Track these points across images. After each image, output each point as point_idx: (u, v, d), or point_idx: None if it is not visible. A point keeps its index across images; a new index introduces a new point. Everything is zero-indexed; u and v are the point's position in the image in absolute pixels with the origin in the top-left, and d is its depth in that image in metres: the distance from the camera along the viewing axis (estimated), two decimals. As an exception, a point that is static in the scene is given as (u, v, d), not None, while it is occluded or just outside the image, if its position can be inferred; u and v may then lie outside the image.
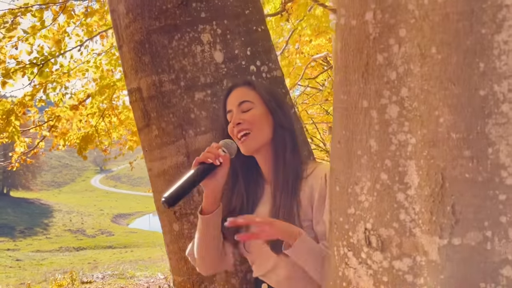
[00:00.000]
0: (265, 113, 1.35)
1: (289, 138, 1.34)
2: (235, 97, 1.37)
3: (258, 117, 1.34)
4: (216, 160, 1.27)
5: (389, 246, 0.93)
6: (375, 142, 0.94)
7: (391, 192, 0.93)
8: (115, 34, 1.75)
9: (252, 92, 1.36)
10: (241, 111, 1.35)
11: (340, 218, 1.04)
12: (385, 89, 0.92)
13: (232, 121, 1.35)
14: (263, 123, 1.34)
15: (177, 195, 1.22)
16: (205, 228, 1.33)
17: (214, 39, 1.61)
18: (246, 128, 1.33)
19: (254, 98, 1.36)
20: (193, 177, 1.26)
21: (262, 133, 1.34)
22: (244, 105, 1.35)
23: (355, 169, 0.99)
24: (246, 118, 1.33)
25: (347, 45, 0.98)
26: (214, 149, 1.29)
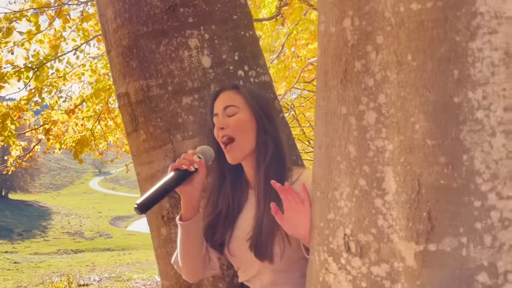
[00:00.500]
0: (249, 118, 1.35)
1: (272, 144, 1.34)
2: (222, 101, 1.37)
3: (242, 122, 1.34)
4: (190, 166, 1.28)
5: (367, 252, 0.94)
6: (353, 148, 0.95)
7: (369, 198, 0.93)
8: (104, 39, 1.76)
9: (238, 96, 1.37)
10: (226, 115, 1.35)
11: (321, 223, 1.05)
12: (363, 96, 0.92)
13: (217, 125, 1.35)
14: (247, 129, 1.34)
15: (149, 201, 1.22)
16: (185, 235, 1.33)
17: (201, 44, 1.62)
18: (229, 134, 1.33)
19: (240, 102, 1.36)
20: (167, 184, 1.26)
21: (246, 139, 1.34)
22: (230, 110, 1.35)
23: (334, 174, 1.00)
24: (230, 123, 1.34)
25: (326, 52, 0.99)
26: (189, 155, 1.30)
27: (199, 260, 1.36)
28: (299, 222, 1.17)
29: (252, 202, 1.39)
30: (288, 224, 1.19)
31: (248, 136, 1.34)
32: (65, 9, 4.97)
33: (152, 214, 1.74)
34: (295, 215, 1.18)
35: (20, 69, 4.93)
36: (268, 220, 1.28)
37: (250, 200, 1.40)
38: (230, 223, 1.38)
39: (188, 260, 1.36)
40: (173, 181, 1.25)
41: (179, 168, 1.26)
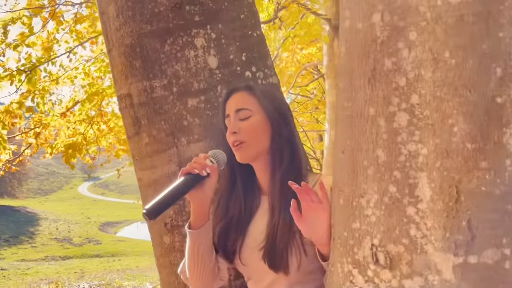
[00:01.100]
0: (263, 121, 1.28)
1: (288, 149, 1.27)
2: (234, 103, 1.30)
3: (256, 126, 1.27)
4: (202, 170, 1.20)
5: (398, 264, 0.87)
6: (382, 152, 0.88)
7: (400, 205, 0.87)
8: (105, 37, 1.68)
9: (251, 98, 1.29)
10: (239, 119, 1.28)
11: (344, 232, 0.98)
12: (393, 96, 0.86)
13: (229, 129, 1.28)
14: (260, 133, 1.27)
15: (159, 207, 1.14)
16: (195, 244, 1.25)
17: (208, 44, 1.55)
18: (242, 138, 1.26)
19: (253, 105, 1.29)
20: (178, 189, 1.18)
21: (258, 143, 1.28)
22: (242, 113, 1.28)
23: (360, 180, 0.93)
24: (242, 127, 1.26)
25: (352, 49, 0.93)
26: (201, 159, 1.22)
27: (208, 270, 1.28)
28: (317, 220, 1.11)
29: (264, 208, 1.32)
30: (305, 223, 1.13)
31: (261, 139, 1.27)
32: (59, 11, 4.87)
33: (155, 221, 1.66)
34: (313, 213, 1.11)
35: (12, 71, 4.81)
36: (283, 228, 1.21)
37: (263, 207, 1.33)
38: (242, 230, 1.31)
39: (197, 271, 1.28)
40: (183, 186, 1.17)
41: (190, 172, 1.19)
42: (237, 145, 1.27)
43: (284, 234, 1.21)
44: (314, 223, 1.11)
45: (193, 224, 1.25)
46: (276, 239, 1.22)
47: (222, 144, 1.31)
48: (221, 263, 1.32)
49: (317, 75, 11.51)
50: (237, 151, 1.27)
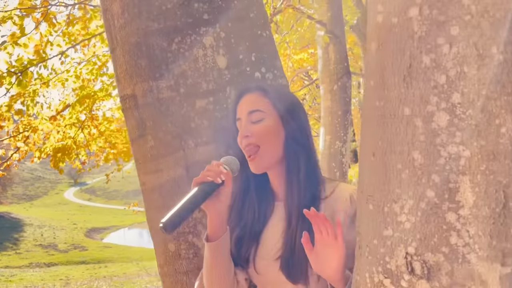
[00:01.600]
0: (276, 124, 1.21)
1: (304, 154, 1.21)
2: (246, 105, 1.24)
3: (268, 130, 1.20)
4: (217, 178, 1.13)
5: (437, 274, 0.82)
6: (419, 154, 0.83)
7: (439, 211, 0.81)
8: (108, 35, 1.61)
9: (264, 99, 1.23)
10: (251, 122, 1.22)
11: (374, 240, 0.92)
12: (432, 95, 0.81)
13: (240, 133, 1.21)
14: (274, 137, 1.21)
15: (175, 220, 1.07)
16: (214, 257, 1.18)
17: (217, 43, 1.49)
18: (254, 142, 1.20)
19: (266, 107, 1.22)
20: (194, 199, 1.11)
21: (273, 148, 1.21)
22: (254, 115, 1.21)
23: (393, 185, 0.88)
24: (255, 130, 1.20)
25: (385, 45, 0.88)
26: (215, 166, 1.15)
27: (228, 283, 1.21)
28: (328, 258, 1.07)
29: (279, 216, 1.25)
30: (316, 258, 1.09)
31: (274, 144, 1.21)
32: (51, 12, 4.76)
33: (157, 227, 1.58)
34: (325, 249, 1.07)
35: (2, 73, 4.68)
36: (301, 237, 1.14)
37: (277, 214, 1.26)
38: (255, 237, 1.25)
39: (216, 286, 1.20)
40: (199, 196, 1.10)
41: (204, 181, 1.12)
42: (250, 151, 1.20)
43: (300, 244, 1.15)
44: (325, 259, 1.07)
45: (211, 235, 1.17)
46: (294, 249, 1.16)
47: (232, 148, 1.25)
48: (239, 275, 1.25)
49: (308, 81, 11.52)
50: (251, 162, 1.21)
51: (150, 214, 1.62)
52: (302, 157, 1.21)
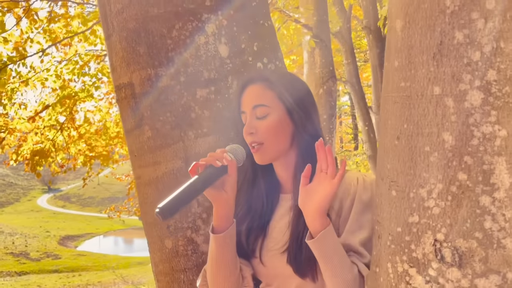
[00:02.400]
0: (283, 118, 1.15)
1: (313, 145, 1.15)
2: (250, 98, 1.17)
3: (275, 126, 1.14)
4: (216, 161, 1.07)
5: (469, 261, 0.77)
6: (450, 135, 0.79)
7: (472, 195, 0.77)
8: (103, 22, 1.54)
9: (269, 92, 1.16)
10: (255, 117, 1.16)
11: (398, 228, 0.88)
12: (465, 72, 0.77)
13: (245, 129, 1.16)
14: (280, 133, 1.15)
15: (173, 205, 0.99)
16: (220, 249, 1.11)
17: (219, 31, 1.43)
18: (259, 140, 1.14)
19: (272, 100, 1.16)
20: (194, 185, 1.04)
21: (278, 143, 1.15)
22: (259, 110, 1.15)
23: (420, 169, 0.83)
24: (260, 127, 1.14)
25: (413, 22, 0.84)
26: (218, 153, 1.09)
27: (234, 278, 1.14)
28: (317, 193, 1.03)
29: (285, 208, 1.20)
30: (305, 193, 1.05)
31: (281, 139, 1.15)
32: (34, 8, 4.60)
33: (153, 223, 1.51)
34: (319, 185, 1.04)
35: (-21, 70, 4.50)
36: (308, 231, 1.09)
37: (283, 206, 1.21)
38: (262, 229, 1.19)
39: (222, 281, 1.14)
40: (200, 181, 1.03)
41: (203, 166, 1.05)
42: (255, 147, 1.15)
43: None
44: (313, 195, 1.04)
45: (217, 227, 1.11)
46: (302, 241, 1.11)
47: (234, 140, 1.19)
48: (245, 271, 1.19)
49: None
50: (255, 153, 1.16)
51: (144, 209, 1.54)
52: (311, 148, 1.15)
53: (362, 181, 1.11)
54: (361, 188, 1.10)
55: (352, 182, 1.13)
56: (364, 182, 1.11)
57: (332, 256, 1.02)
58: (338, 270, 1.02)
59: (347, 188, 1.13)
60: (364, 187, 1.10)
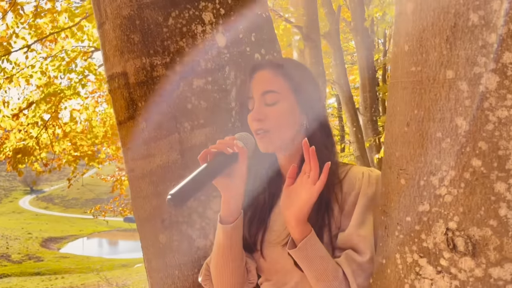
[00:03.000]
0: (293, 107, 1.11)
1: (321, 137, 1.12)
2: (260, 83, 1.13)
3: (284, 113, 1.10)
4: (227, 148, 1.02)
5: (484, 250, 0.75)
6: (464, 120, 0.77)
7: (486, 181, 0.75)
8: (95, 9, 1.49)
9: (280, 78, 1.12)
10: (264, 103, 1.11)
11: (407, 217, 0.85)
12: (479, 55, 0.75)
13: (252, 115, 1.11)
14: (289, 121, 1.11)
15: (186, 192, 0.94)
16: (228, 241, 1.07)
17: (216, 20, 1.40)
18: (266, 127, 1.10)
19: (282, 87, 1.12)
20: (205, 171, 0.99)
21: (285, 132, 1.11)
22: (269, 97, 1.11)
23: (432, 155, 0.81)
24: (269, 114, 1.10)
25: (425, 4, 0.81)
26: (229, 140, 1.05)
27: (240, 272, 1.10)
28: (297, 199, 0.99)
29: None
30: (288, 195, 1.02)
31: (288, 128, 1.11)
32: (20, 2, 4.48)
33: (146, 217, 1.46)
34: (301, 189, 0.99)
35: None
36: (312, 224, 1.06)
37: None
38: (264, 221, 1.15)
39: (228, 275, 1.09)
40: (211, 167, 0.98)
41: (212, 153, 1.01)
42: (260, 134, 1.11)
43: (313, 227, 1.07)
44: (294, 200, 1.00)
45: (225, 218, 1.06)
46: None
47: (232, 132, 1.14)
48: (250, 264, 1.15)
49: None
50: (260, 140, 1.11)
51: (137, 203, 1.49)
52: (319, 140, 1.12)
53: (368, 176, 1.08)
54: (366, 183, 1.07)
55: (357, 176, 1.10)
56: (369, 177, 1.08)
57: (315, 263, 0.99)
58: (322, 276, 0.99)
59: (352, 182, 1.10)
60: (369, 181, 1.07)
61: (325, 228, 1.07)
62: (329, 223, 1.07)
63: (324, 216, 1.07)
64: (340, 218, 1.09)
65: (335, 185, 1.09)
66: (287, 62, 1.17)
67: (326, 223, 1.07)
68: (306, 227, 1.00)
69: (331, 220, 1.07)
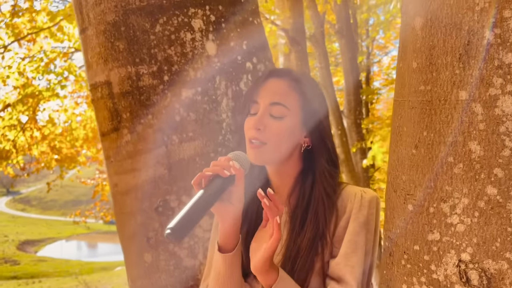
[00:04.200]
0: (297, 126, 1.04)
1: (327, 159, 1.06)
2: (271, 91, 1.04)
3: (287, 131, 1.03)
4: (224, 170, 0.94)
5: (499, 284, 0.70)
6: (478, 145, 0.72)
7: (502, 211, 0.70)
8: (77, 14, 1.40)
9: (293, 93, 1.04)
10: (269, 114, 1.03)
11: (415, 246, 0.80)
12: (495, 76, 0.70)
13: (253, 122, 1.03)
14: (288, 138, 1.04)
15: (185, 225, 0.84)
16: (229, 269, 0.98)
17: (206, 27, 1.33)
18: (263, 139, 1.02)
19: (293, 103, 1.04)
20: (204, 198, 0.90)
21: (281, 149, 1.04)
22: (276, 109, 1.03)
23: (442, 181, 0.76)
24: (270, 126, 1.02)
25: (435, 20, 0.76)
26: (224, 162, 0.97)
27: None
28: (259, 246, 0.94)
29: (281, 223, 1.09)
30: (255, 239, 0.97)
31: (287, 146, 1.04)
32: (-1, 2, 4.31)
33: (130, 235, 1.38)
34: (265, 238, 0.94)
35: None
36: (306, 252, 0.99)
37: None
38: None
39: None
40: (209, 194, 0.90)
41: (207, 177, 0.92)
42: (255, 143, 1.03)
43: (305, 258, 1.01)
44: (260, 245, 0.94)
45: (224, 245, 0.98)
46: (296, 259, 1.01)
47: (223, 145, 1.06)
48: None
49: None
50: (254, 150, 1.03)
51: (121, 220, 1.41)
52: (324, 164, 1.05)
53: (360, 198, 1.02)
54: (357, 207, 1.01)
55: (350, 198, 1.04)
56: (361, 200, 1.01)
57: None
58: None
59: (344, 205, 1.04)
60: (360, 205, 1.01)
61: (318, 256, 1.02)
62: (322, 252, 1.01)
63: (317, 245, 1.01)
64: (332, 242, 1.03)
65: (332, 214, 1.03)
66: (305, 78, 1.09)
67: (319, 252, 1.01)
68: (271, 275, 0.94)
69: (324, 248, 1.01)
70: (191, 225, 0.84)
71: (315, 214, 1.02)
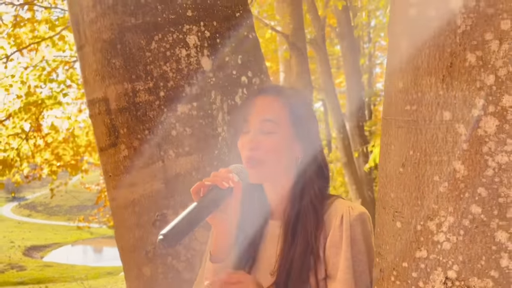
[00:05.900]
0: (288, 141, 1.07)
1: (317, 175, 1.08)
2: (260, 109, 1.07)
3: (278, 146, 1.05)
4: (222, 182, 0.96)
5: (485, 302, 0.71)
6: (462, 165, 0.73)
7: (486, 230, 0.72)
8: (75, 31, 1.43)
9: (283, 110, 1.07)
10: (260, 131, 1.06)
11: (403, 263, 0.81)
12: (477, 97, 0.72)
13: (247, 142, 1.06)
14: (283, 154, 1.07)
15: (179, 231, 0.86)
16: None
17: (201, 43, 1.35)
18: (260, 157, 1.05)
19: (282, 119, 1.07)
20: (200, 208, 0.92)
21: (278, 165, 1.07)
22: (267, 126, 1.05)
23: (429, 200, 0.77)
24: (264, 143, 1.05)
25: (419, 41, 0.78)
26: (224, 173, 0.99)
27: None
28: None
29: (273, 236, 1.11)
30: None
31: (284, 161, 1.06)
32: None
33: (129, 248, 1.40)
34: None
35: None
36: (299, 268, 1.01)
37: (271, 233, 1.12)
38: (250, 257, 1.10)
39: None
40: (207, 204, 0.92)
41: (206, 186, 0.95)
42: (252, 163, 1.05)
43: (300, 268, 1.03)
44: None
45: (216, 255, 1.01)
46: (290, 275, 1.03)
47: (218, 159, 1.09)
48: None
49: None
50: (251, 169, 1.06)
51: (120, 233, 1.43)
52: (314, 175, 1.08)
53: (341, 217, 1.04)
54: (337, 226, 1.02)
55: (338, 214, 1.05)
56: (343, 218, 1.03)
57: None
58: None
59: (329, 220, 1.06)
60: (340, 224, 1.02)
61: (311, 271, 1.03)
62: (315, 267, 1.03)
63: (309, 259, 1.03)
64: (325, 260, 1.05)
65: (320, 229, 1.04)
66: (293, 93, 1.12)
67: (312, 267, 1.03)
68: None
69: (317, 263, 1.03)
70: (184, 232, 0.86)
71: (303, 227, 1.04)
